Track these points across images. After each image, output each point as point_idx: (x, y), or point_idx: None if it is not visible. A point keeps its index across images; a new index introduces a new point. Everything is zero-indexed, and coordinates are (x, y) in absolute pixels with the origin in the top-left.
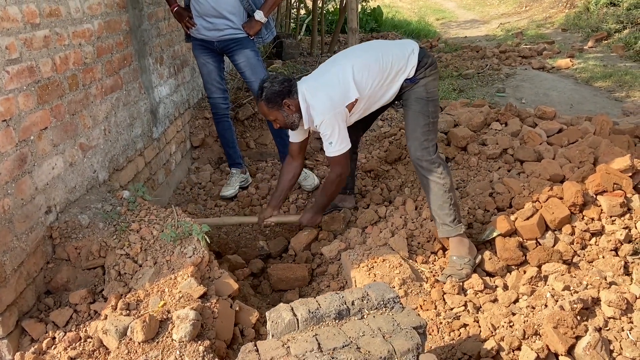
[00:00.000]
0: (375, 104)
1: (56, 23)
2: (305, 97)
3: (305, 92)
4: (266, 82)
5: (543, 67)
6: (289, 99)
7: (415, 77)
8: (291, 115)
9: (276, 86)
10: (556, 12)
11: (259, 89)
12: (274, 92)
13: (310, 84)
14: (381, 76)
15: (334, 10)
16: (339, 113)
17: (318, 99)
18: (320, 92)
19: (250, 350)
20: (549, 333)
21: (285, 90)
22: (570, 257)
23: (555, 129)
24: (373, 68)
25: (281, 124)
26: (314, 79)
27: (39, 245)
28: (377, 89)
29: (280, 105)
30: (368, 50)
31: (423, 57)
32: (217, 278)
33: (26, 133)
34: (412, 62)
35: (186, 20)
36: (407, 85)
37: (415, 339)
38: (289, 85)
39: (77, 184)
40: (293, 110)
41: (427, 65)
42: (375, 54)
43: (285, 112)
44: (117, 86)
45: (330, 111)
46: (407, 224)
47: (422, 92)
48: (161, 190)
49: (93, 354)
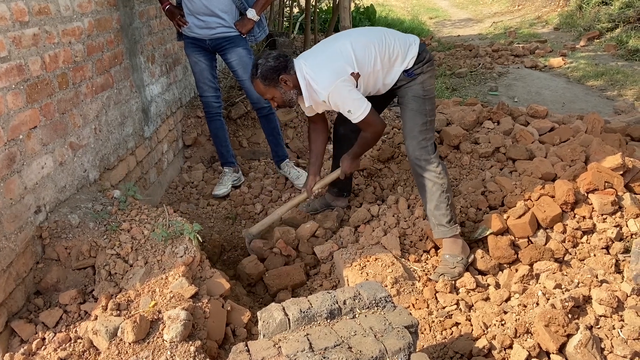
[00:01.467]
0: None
1: (45, 21)
2: (305, 72)
3: (304, 67)
4: (260, 59)
5: (535, 65)
6: (286, 75)
7: (413, 71)
8: (289, 91)
9: (271, 62)
10: (549, 11)
11: (253, 66)
12: (269, 68)
13: (309, 60)
14: (381, 57)
15: (327, 8)
16: (344, 81)
17: (320, 73)
18: (322, 66)
19: (241, 351)
20: (540, 331)
21: (281, 65)
22: (561, 256)
23: (547, 127)
24: (375, 47)
25: (279, 101)
26: (313, 55)
27: (28, 245)
28: (378, 70)
29: (277, 81)
30: (370, 30)
31: (422, 51)
32: (209, 278)
33: (15, 132)
34: (412, 52)
35: (178, 18)
36: (404, 79)
37: (406, 338)
38: (284, 60)
39: (67, 183)
40: (290, 87)
41: (425, 60)
42: (377, 34)
43: (282, 89)
44: (108, 85)
45: (334, 81)
46: (399, 222)
47: (419, 90)
48: (153, 190)
49: (83, 354)
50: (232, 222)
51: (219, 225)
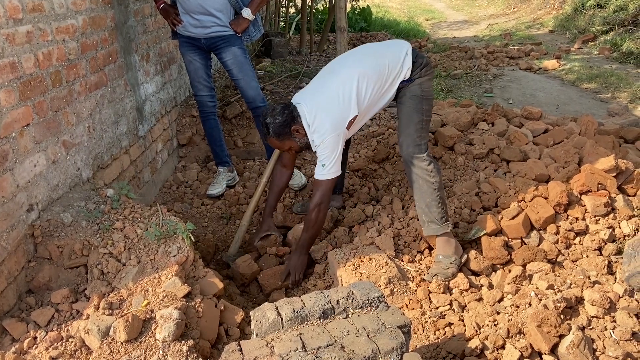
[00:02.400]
0: (372, 112)
1: (39, 18)
2: (307, 118)
3: (306, 113)
4: (267, 118)
5: (530, 68)
6: (295, 125)
7: (411, 77)
8: (302, 138)
9: (279, 118)
10: (544, 14)
11: (262, 125)
12: (279, 125)
13: (310, 104)
14: (380, 84)
15: (324, 9)
16: (340, 135)
17: (319, 120)
18: (321, 113)
19: (233, 350)
20: (532, 332)
21: (288, 118)
22: (554, 257)
23: (541, 129)
24: (372, 77)
25: (297, 149)
26: (312, 95)
27: (20, 244)
28: (375, 99)
29: (290, 133)
30: (363, 57)
31: (417, 57)
32: (202, 277)
33: (7, 130)
34: (407, 64)
35: (172, 17)
36: (403, 85)
37: (399, 338)
38: (290, 112)
39: (60, 181)
40: (303, 134)
41: (422, 65)
42: (372, 61)
43: (296, 138)
44: (102, 83)
45: (331, 133)
46: (393, 223)
47: (417, 90)
48: (147, 189)
49: (75, 354)
50: (226, 222)
51: (213, 225)
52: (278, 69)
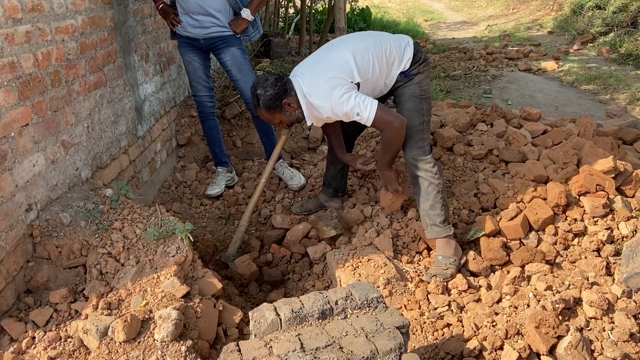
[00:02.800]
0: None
1: (39, 18)
2: (304, 90)
3: (302, 85)
4: (259, 89)
5: (529, 69)
6: (287, 98)
7: (410, 71)
8: (294, 112)
9: (270, 90)
10: (543, 15)
11: (252, 96)
12: (270, 97)
13: (306, 75)
14: (380, 63)
15: (323, 9)
16: (343, 86)
17: (318, 88)
18: (319, 80)
19: (232, 350)
20: (530, 333)
21: (280, 90)
22: (553, 258)
23: (540, 130)
24: (373, 53)
25: (287, 123)
26: (308, 68)
27: (19, 244)
28: (377, 75)
29: (281, 107)
30: (365, 36)
31: (417, 51)
32: (201, 277)
33: (6, 129)
34: (407, 54)
35: (171, 17)
36: (401, 80)
37: (397, 338)
38: (282, 84)
39: (59, 181)
40: (295, 107)
41: (421, 60)
42: (372, 39)
43: (287, 112)
44: (101, 83)
45: (334, 90)
46: (392, 223)
47: (416, 90)
48: (146, 189)
49: (73, 354)
50: (225, 222)
51: (212, 225)
52: (277, 69)
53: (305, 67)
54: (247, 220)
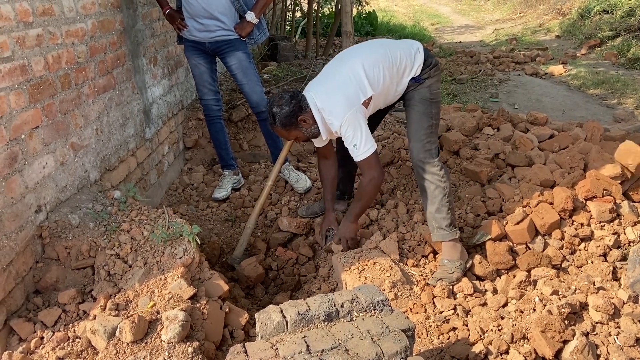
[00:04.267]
0: (383, 101)
1: (49, 22)
2: (318, 105)
3: (316, 100)
4: (274, 107)
5: (536, 73)
6: (303, 114)
7: (420, 76)
8: (309, 128)
9: (285, 108)
10: (550, 19)
11: (269, 114)
12: (286, 114)
13: (319, 91)
14: (391, 72)
15: (330, 13)
16: (358, 110)
17: (333, 102)
18: (333, 95)
19: (239, 352)
20: (536, 337)
21: (295, 108)
22: (559, 262)
23: (547, 134)
24: (383, 64)
25: (303, 139)
26: (322, 83)
27: (28, 245)
28: (388, 85)
29: (297, 123)
30: (375, 47)
31: (428, 56)
32: (208, 279)
33: (17, 132)
34: (418, 60)
35: (178, 22)
36: (412, 85)
37: (403, 341)
38: (297, 101)
39: (68, 183)
40: (310, 123)
41: (431, 65)
42: (382, 50)
43: (303, 128)
44: (110, 86)
45: (348, 110)
46: (398, 227)
47: (426, 93)
48: (153, 191)
49: (81, 354)
50: (231, 225)
51: (219, 227)
52: (284, 72)
53: (319, 83)
54: (253, 223)
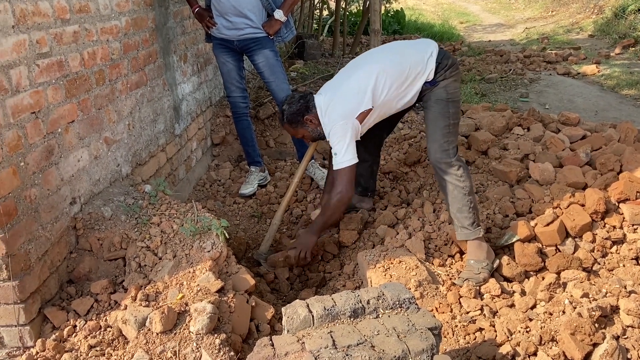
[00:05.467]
0: (392, 108)
1: (85, 19)
2: (322, 107)
3: (322, 105)
4: (284, 105)
5: (568, 72)
6: (309, 114)
7: (434, 79)
8: (315, 128)
9: (294, 106)
10: (583, 18)
11: (280, 112)
12: (293, 113)
13: (326, 96)
14: (399, 82)
15: (357, 11)
16: (348, 124)
17: (331, 109)
18: (334, 102)
19: (265, 345)
20: (565, 340)
21: (302, 107)
22: (590, 265)
23: (579, 135)
24: (392, 75)
25: (309, 138)
26: (331, 89)
27: (62, 235)
28: (393, 95)
29: (303, 122)
30: (387, 54)
31: (442, 58)
32: (235, 273)
33: (54, 125)
34: (430, 65)
35: (207, 20)
36: (427, 88)
37: (430, 339)
38: (305, 102)
39: (101, 176)
40: (316, 124)
41: (447, 66)
42: (394, 58)
43: (309, 127)
44: (142, 82)
45: (340, 120)
46: (424, 226)
47: (442, 93)
48: (181, 186)
49: (112, 342)
50: (257, 221)
51: (245, 223)
52: (310, 70)
53: (329, 87)
54: (279, 219)
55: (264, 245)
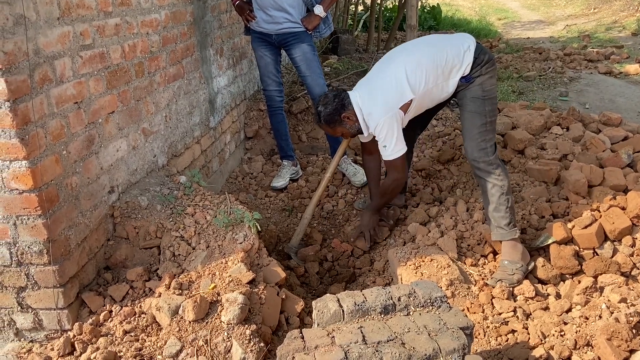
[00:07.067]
0: (429, 102)
1: (127, 12)
2: (360, 105)
3: (359, 100)
4: (319, 106)
5: (610, 72)
6: (346, 112)
7: (470, 75)
8: (353, 125)
9: (329, 107)
10: (626, 16)
11: (315, 113)
12: (329, 113)
13: (363, 91)
14: (435, 74)
15: (393, 7)
16: (394, 115)
17: (372, 104)
18: (374, 98)
19: (296, 337)
20: (601, 345)
21: (338, 106)
22: (629, 270)
23: (621, 136)
24: (427, 66)
25: (348, 135)
26: (367, 84)
27: (101, 223)
28: (431, 87)
29: (340, 121)
30: (422, 47)
31: (479, 53)
32: (266, 265)
33: (95, 116)
34: (467, 59)
35: (247, 13)
36: (463, 85)
37: (461, 339)
38: (340, 100)
39: (139, 166)
40: (354, 120)
41: (483, 62)
42: (429, 50)
43: (347, 125)
44: (179, 75)
45: (385, 114)
46: (457, 225)
47: (478, 91)
48: (215, 178)
49: (146, 329)
50: (288, 215)
51: (276, 216)
52: (344, 66)
53: (364, 83)
54: (310, 214)
55: (295, 239)
